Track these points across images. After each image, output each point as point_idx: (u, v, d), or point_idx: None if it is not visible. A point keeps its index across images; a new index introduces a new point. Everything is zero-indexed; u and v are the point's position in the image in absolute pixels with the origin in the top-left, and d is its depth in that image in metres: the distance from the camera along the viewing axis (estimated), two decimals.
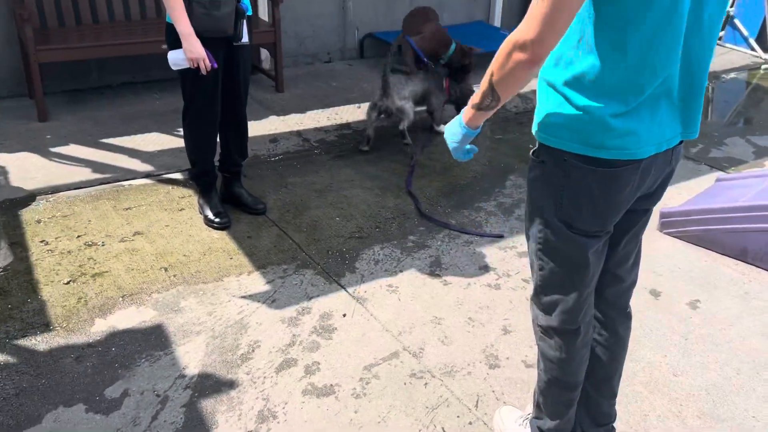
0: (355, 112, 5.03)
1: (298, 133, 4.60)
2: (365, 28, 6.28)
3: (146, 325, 2.68)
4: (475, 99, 1.68)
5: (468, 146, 1.88)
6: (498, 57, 1.55)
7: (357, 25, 6.22)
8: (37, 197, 3.59)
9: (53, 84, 5.02)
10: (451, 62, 4.66)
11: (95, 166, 3.97)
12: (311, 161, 4.21)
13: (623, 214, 1.76)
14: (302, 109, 5.03)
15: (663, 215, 3.50)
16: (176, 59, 3.05)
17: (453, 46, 4.64)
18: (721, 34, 7.43)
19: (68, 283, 2.91)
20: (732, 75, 6.45)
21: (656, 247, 3.38)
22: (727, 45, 7.29)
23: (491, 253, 3.29)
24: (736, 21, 7.18)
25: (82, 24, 4.91)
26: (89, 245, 3.19)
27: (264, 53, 5.69)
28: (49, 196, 3.62)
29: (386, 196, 3.82)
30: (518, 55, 1.49)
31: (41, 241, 3.20)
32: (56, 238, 3.23)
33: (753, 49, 7.06)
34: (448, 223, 3.53)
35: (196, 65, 3.02)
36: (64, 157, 4.05)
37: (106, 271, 3.00)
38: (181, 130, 4.30)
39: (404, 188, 3.91)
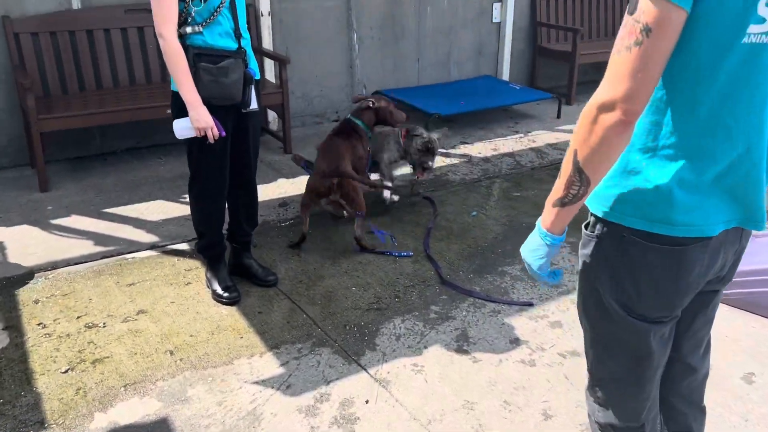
0: None
1: None
2: (373, 85, 6.18)
3: (151, 419, 2.44)
4: (556, 193, 1.46)
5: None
6: (579, 130, 1.34)
7: (365, 83, 6.13)
8: (36, 274, 3.40)
9: (56, 152, 4.89)
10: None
11: (97, 238, 3.78)
12: (323, 225, 4.02)
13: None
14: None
15: None
16: (182, 129, 2.90)
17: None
18: None
19: (66, 371, 2.68)
20: None
21: None
22: None
23: (521, 323, 3.06)
24: None
25: (86, 90, 4.81)
26: (90, 327, 2.98)
27: (271, 114, 5.57)
28: (49, 272, 3.42)
29: (403, 261, 3.61)
30: (607, 118, 1.29)
31: (39, 324, 2.99)
32: (55, 320, 3.02)
33: None
34: (472, 291, 3.31)
35: (203, 134, 2.86)
36: (65, 230, 3.87)
37: (108, 357, 2.78)
38: (187, 196, 4.14)
39: (422, 252, 3.70)
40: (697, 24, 1.27)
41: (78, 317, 3.05)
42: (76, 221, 3.99)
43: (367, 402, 2.53)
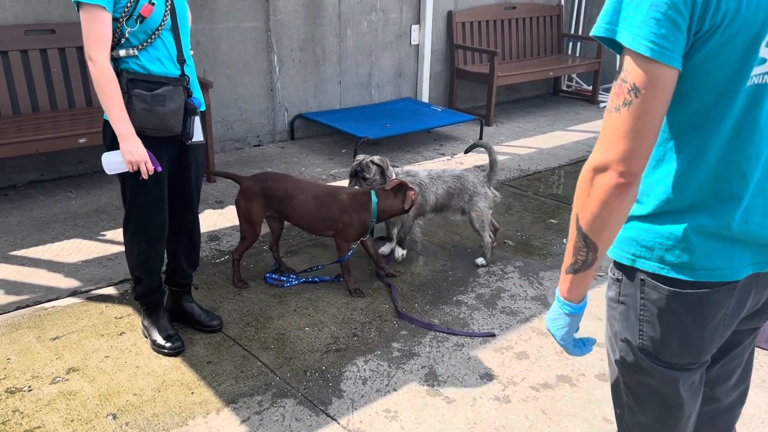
0: None
1: None
2: (294, 109, 5.98)
3: None
4: (567, 259, 1.39)
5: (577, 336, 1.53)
6: (578, 194, 1.28)
7: (286, 107, 5.92)
8: None
9: None
10: None
11: (8, 286, 3.36)
12: (262, 260, 3.77)
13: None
14: None
15: None
16: (112, 162, 2.60)
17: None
18: None
19: None
20: None
21: None
22: None
23: (488, 356, 2.96)
24: None
25: None
26: (12, 392, 2.60)
27: None
28: None
29: (356, 297, 3.43)
30: (604, 180, 1.23)
31: None
32: None
33: None
34: (432, 324, 3.18)
35: (136, 169, 2.57)
36: None
37: (39, 427, 2.42)
38: (107, 233, 3.79)
39: (372, 283, 3.54)
40: (697, 75, 1.24)
41: None
42: None
43: None
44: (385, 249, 3.90)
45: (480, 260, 3.81)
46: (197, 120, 2.73)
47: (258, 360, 2.87)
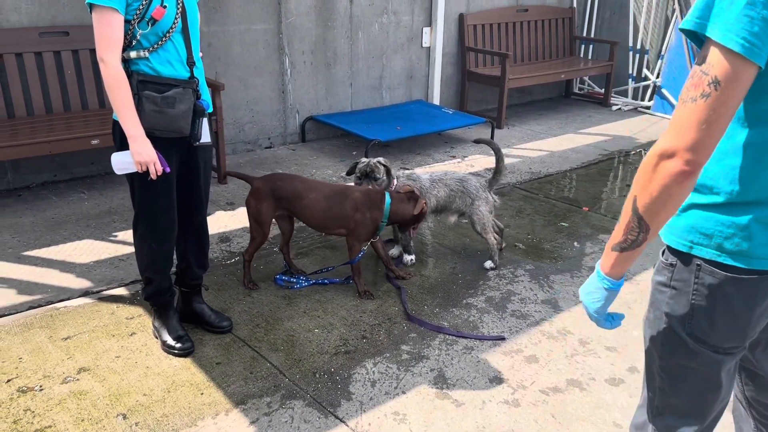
0: None
1: None
2: (306, 111, 5.99)
3: None
4: (615, 237, 1.42)
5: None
6: (640, 177, 1.31)
7: (297, 109, 5.93)
8: None
9: None
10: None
11: (21, 285, 3.39)
12: (272, 261, 3.78)
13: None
14: None
15: None
16: (121, 162, 2.62)
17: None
18: (650, 104, 7.64)
19: None
20: None
21: None
22: (657, 114, 7.48)
23: (497, 360, 2.95)
24: (664, 91, 7.40)
25: None
26: (24, 392, 2.62)
27: None
28: None
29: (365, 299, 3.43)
30: (668, 166, 1.26)
31: None
32: None
33: None
34: (441, 327, 3.17)
35: (144, 169, 2.59)
36: None
37: (50, 426, 2.44)
38: (118, 234, 3.81)
39: (381, 285, 3.53)
40: None
41: (8, 380, 2.68)
42: None
43: None
44: (394, 251, 3.90)
45: (488, 263, 3.80)
46: (205, 122, 2.74)
47: (267, 361, 2.88)
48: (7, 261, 3.64)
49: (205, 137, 2.78)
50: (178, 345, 2.89)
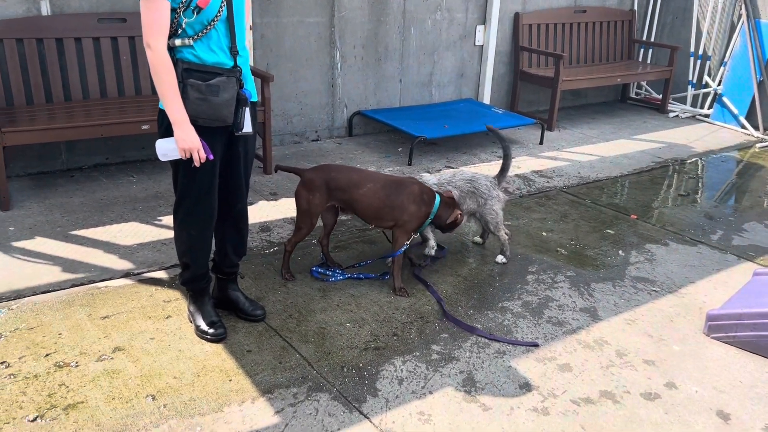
0: None
1: (293, 220, 4.19)
2: (354, 105, 6.00)
3: None
4: None
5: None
6: None
7: (346, 103, 5.94)
8: None
9: (16, 166, 4.56)
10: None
11: (65, 263, 3.48)
12: (310, 253, 3.79)
13: None
14: (293, 193, 4.63)
15: (710, 318, 3.17)
16: (165, 149, 2.66)
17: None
18: (709, 112, 7.38)
19: (35, 419, 2.39)
20: (727, 153, 6.31)
21: (709, 356, 3.02)
22: (717, 123, 7.22)
23: (529, 366, 2.89)
24: (725, 99, 7.13)
25: (53, 102, 4.50)
26: (60, 367, 2.69)
27: None
28: (12, 302, 3.11)
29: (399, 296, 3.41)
30: None
31: (1, 363, 2.68)
32: (20, 358, 2.72)
33: (744, 127, 6.99)
34: (474, 328, 3.13)
35: (188, 156, 2.62)
36: (29, 254, 3.56)
37: (82, 402, 2.50)
38: (163, 218, 3.87)
39: (417, 283, 3.51)
40: None
41: (47, 355, 2.75)
42: (40, 244, 3.67)
43: None
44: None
45: (500, 258, 3.83)
46: (248, 111, 2.75)
47: (297, 352, 2.89)
48: (55, 239, 3.75)
49: (248, 127, 2.80)
50: (211, 331, 2.93)
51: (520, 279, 3.65)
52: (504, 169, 3.80)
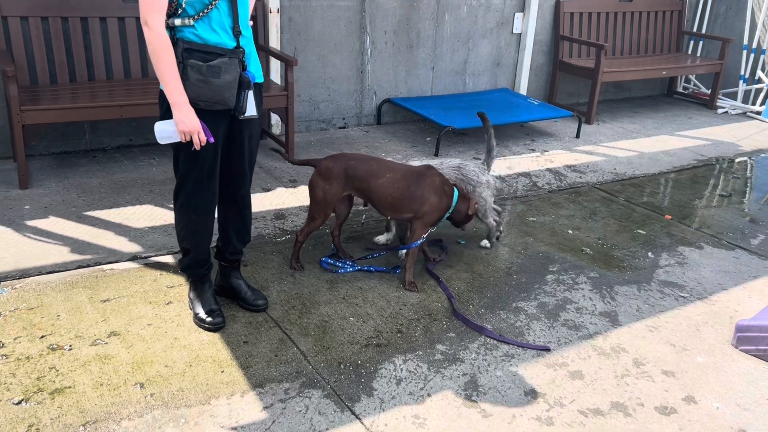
0: None
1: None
2: (383, 93, 5.86)
3: None
4: None
5: None
6: None
7: (375, 90, 5.80)
8: (2, 283, 3.07)
9: (41, 145, 4.58)
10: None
11: (75, 244, 3.46)
12: (322, 243, 3.68)
13: None
14: None
15: (739, 329, 2.94)
16: (164, 131, 2.58)
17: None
18: (761, 108, 6.99)
19: (20, 402, 2.35)
20: None
21: (735, 370, 2.81)
22: None
23: (538, 372, 2.72)
24: None
25: (76, 82, 4.49)
26: (54, 349, 2.65)
27: (274, 118, 5.25)
28: (16, 281, 3.09)
29: (409, 291, 3.27)
30: None
31: None
32: (15, 339, 2.69)
33: None
34: (483, 328, 2.97)
35: (188, 139, 2.53)
36: (40, 233, 3.55)
37: (69, 387, 2.45)
38: None
39: (428, 279, 3.37)
40: None
41: (42, 337, 2.72)
42: (53, 224, 3.66)
43: None
44: (381, 238, 3.77)
45: (485, 242, 3.78)
46: (251, 94, 2.65)
47: (295, 345, 2.79)
48: (68, 219, 3.73)
49: (251, 111, 2.70)
50: (209, 319, 2.85)
51: (539, 278, 3.48)
52: (489, 149, 3.72)
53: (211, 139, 2.59)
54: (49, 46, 4.38)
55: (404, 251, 3.41)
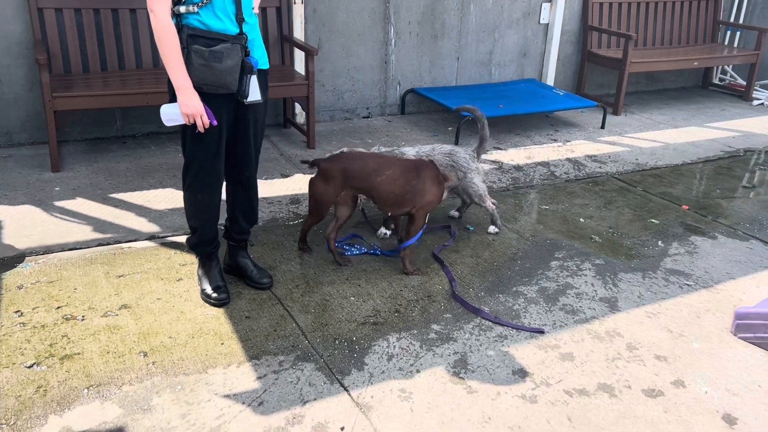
0: None
1: None
2: (407, 83, 5.92)
3: (107, 427, 2.26)
4: None
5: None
6: None
7: (399, 80, 5.88)
8: (27, 258, 3.27)
9: (75, 131, 4.80)
10: None
11: (97, 224, 3.64)
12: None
13: None
14: None
15: (738, 316, 2.93)
16: (169, 114, 2.71)
17: None
18: None
19: (31, 366, 2.52)
20: None
21: (730, 357, 2.80)
22: None
23: (528, 352, 2.77)
24: None
25: (107, 70, 4.70)
26: (67, 319, 2.82)
27: (298, 107, 5.38)
28: (40, 257, 3.29)
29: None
30: None
31: (16, 312, 2.84)
32: (33, 309, 2.87)
33: None
34: (479, 310, 3.03)
35: (192, 122, 2.66)
36: (66, 213, 3.74)
37: (78, 353, 2.61)
38: None
39: (431, 263, 3.44)
40: None
41: (58, 307, 2.89)
42: (80, 204, 3.86)
43: (342, 429, 2.29)
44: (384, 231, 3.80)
45: (492, 228, 3.83)
46: (254, 79, 2.76)
47: (294, 321, 2.90)
48: (94, 200, 3.92)
49: (255, 95, 2.81)
50: (215, 295, 2.98)
51: (543, 264, 3.51)
52: (482, 139, 3.76)
53: (215, 122, 2.71)
54: (82, 37, 4.59)
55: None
